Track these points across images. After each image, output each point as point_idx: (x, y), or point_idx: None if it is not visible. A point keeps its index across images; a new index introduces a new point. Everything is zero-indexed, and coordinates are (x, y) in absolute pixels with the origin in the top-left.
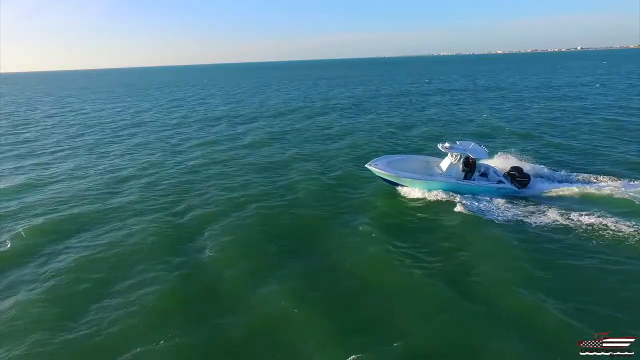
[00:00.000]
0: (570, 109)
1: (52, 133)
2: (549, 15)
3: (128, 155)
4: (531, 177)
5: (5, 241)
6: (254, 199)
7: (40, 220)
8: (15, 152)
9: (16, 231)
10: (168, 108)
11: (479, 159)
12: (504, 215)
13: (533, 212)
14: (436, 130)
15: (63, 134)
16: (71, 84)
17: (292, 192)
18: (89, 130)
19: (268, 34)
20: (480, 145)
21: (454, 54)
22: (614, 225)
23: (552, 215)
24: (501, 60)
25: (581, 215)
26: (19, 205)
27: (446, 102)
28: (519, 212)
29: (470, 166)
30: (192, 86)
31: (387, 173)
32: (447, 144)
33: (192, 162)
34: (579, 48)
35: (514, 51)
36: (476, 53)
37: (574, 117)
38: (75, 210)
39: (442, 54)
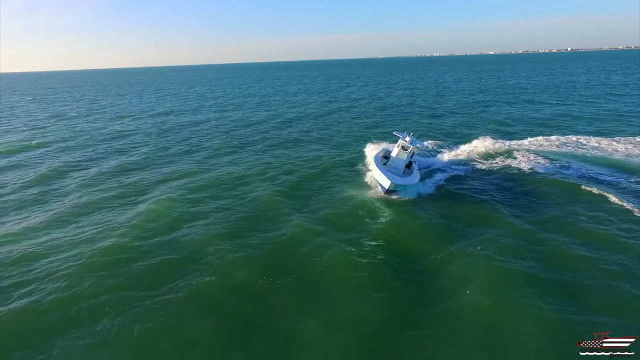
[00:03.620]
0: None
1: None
2: (540, 17)
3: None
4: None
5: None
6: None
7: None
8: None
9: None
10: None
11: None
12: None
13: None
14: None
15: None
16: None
17: (317, 163)
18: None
19: (268, 34)
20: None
21: (447, 54)
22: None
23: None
24: (495, 61)
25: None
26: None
27: (443, 100)
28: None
29: None
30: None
31: (405, 184)
32: (407, 138)
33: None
34: (569, 49)
35: (505, 52)
36: (469, 54)
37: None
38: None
39: (435, 54)
